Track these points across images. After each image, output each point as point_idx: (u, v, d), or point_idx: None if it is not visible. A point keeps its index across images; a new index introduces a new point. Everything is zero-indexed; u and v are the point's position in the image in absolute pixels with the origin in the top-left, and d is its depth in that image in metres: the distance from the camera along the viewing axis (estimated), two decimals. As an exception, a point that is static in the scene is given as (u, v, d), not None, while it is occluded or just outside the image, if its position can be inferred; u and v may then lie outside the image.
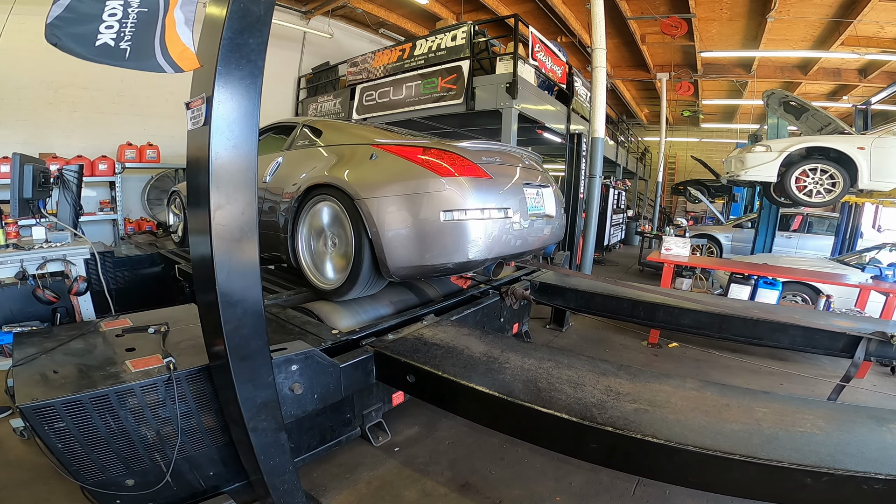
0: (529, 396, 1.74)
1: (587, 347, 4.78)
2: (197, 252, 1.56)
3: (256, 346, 1.63)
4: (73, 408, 1.67)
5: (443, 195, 2.38)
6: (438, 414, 3.12)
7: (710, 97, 14.34)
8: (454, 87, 6.31)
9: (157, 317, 2.54)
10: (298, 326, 2.48)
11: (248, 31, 1.47)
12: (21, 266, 2.74)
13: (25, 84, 6.67)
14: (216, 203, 1.42)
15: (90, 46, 1.21)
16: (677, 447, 1.42)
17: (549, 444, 1.77)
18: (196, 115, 1.48)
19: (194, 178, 1.52)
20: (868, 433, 1.57)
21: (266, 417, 1.74)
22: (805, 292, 5.14)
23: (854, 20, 7.82)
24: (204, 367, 1.86)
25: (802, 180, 5.49)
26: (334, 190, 2.64)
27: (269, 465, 1.85)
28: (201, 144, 1.44)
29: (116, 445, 1.78)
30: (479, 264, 2.58)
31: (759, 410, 1.68)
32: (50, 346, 2.12)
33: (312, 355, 1.99)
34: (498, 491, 2.43)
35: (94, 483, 1.78)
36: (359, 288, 2.63)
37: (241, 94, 1.47)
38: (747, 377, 4.09)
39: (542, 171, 3.24)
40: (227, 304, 1.50)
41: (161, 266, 4.76)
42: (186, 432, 1.93)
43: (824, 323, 3.04)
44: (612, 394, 1.79)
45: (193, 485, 2.05)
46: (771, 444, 1.43)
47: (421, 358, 2.13)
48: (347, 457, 2.66)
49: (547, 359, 2.16)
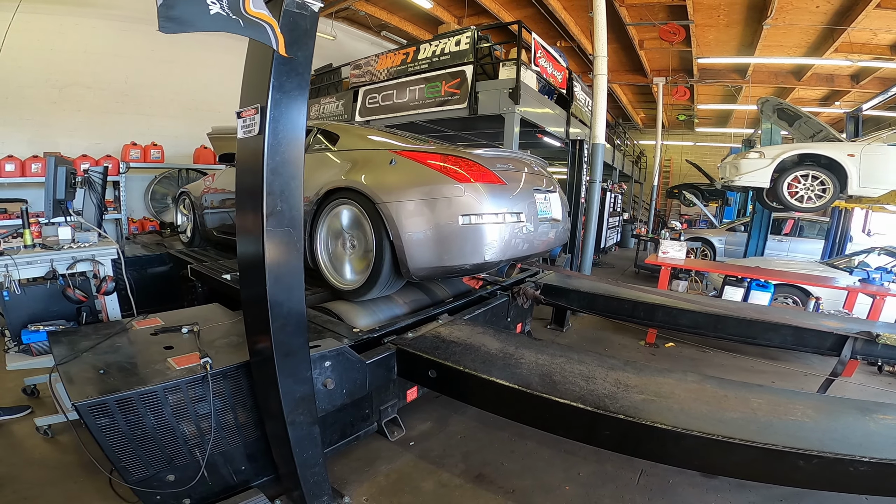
0: (546, 388, 1.89)
1: (587, 347, 4.93)
2: (246, 254, 1.69)
3: (298, 343, 1.76)
4: (126, 404, 1.75)
5: (461, 200, 2.52)
6: (450, 409, 3.26)
7: (706, 102, 14.61)
8: (458, 91, 6.44)
9: (186, 316, 2.66)
10: (321, 325, 2.60)
11: (297, 44, 1.57)
12: (51, 266, 2.83)
13: (30, 83, 6.72)
14: (269, 209, 1.54)
15: (205, 15, 1.25)
16: (683, 432, 1.58)
17: (564, 433, 1.92)
18: (249, 123, 1.60)
19: (245, 184, 1.64)
20: (853, 421, 1.75)
21: (303, 412, 1.87)
22: (796, 294, 5.34)
23: (848, 27, 8.04)
24: (243, 364, 1.98)
25: (794, 186, 5.68)
26: (355, 193, 2.77)
27: (302, 458, 1.96)
28: (255, 152, 1.56)
29: (161, 441, 1.86)
30: (493, 266, 2.73)
31: (754, 401, 1.85)
32: (88, 344, 2.21)
33: (343, 352, 2.12)
34: (510, 481, 2.58)
35: (137, 479, 1.85)
36: (378, 288, 2.76)
37: (291, 105, 1.60)
38: (740, 375, 4.27)
39: (548, 177, 3.40)
40: (276, 303, 1.62)
41: (169, 266, 4.85)
42: (223, 427, 2.03)
43: (813, 323, 3.21)
44: (621, 386, 1.95)
45: (227, 479, 2.14)
46: (766, 431, 1.59)
47: (442, 354, 2.28)
48: (365, 451, 2.78)
49: (559, 355, 2.31)
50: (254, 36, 1.36)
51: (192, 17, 1.20)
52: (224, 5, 1.25)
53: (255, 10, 1.36)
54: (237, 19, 1.29)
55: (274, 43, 1.38)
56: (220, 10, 1.24)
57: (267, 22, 1.35)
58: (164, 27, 1.17)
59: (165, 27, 1.17)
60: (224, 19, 1.26)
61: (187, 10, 1.19)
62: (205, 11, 1.22)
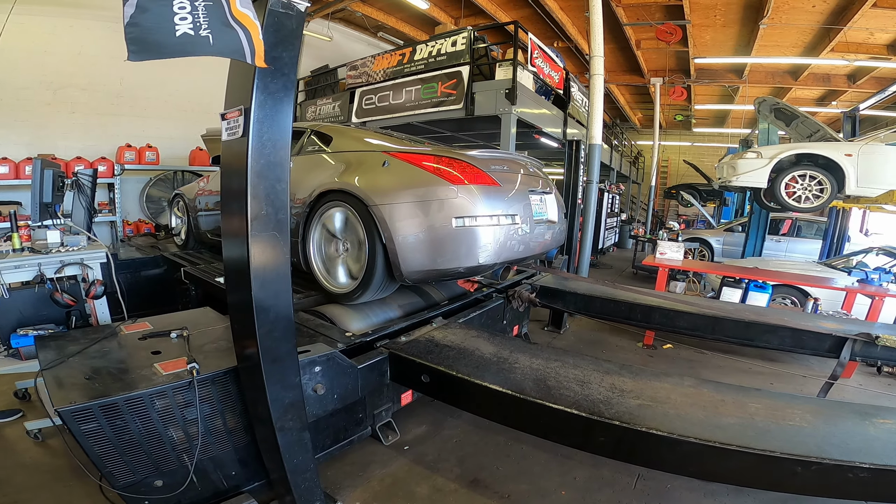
0: (541, 394, 1.86)
1: (584, 349, 4.91)
2: (232, 259, 1.65)
3: (286, 348, 1.72)
4: (110, 410, 1.72)
5: (455, 202, 2.49)
6: (445, 413, 3.23)
7: (703, 102, 14.61)
8: (454, 92, 6.42)
9: (176, 320, 2.61)
10: (313, 329, 2.57)
11: (282, 44, 1.54)
12: (39, 270, 2.79)
13: (24, 84, 6.69)
14: (254, 212, 1.51)
15: (172, 37, 1.19)
16: (679, 439, 1.55)
17: (559, 439, 1.89)
18: (233, 125, 1.56)
19: (231, 187, 1.60)
20: (852, 426, 1.71)
21: (292, 417, 1.84)
22: (794, 295, 5.32)
23: (844, 27, 8.03)
24: (231, 370, 1.94)
25: (792, 186, 5.67)
26: (347, 196, 2.73)
27: (292, 464, 1.93)
28: (239, 155, 1.53)
29: (148, 447, 1.84)
30: (487, 268, 2.69)
31: (751, 406, 1.82)
32: (75, 349, 2.17)
33: (334, 357, 2.09)
34: (506, 486, 2.54)
35: (124, 484, 1.82)
36: (371, 292, 2.73)
37: (277, 107, 1.56)
38: (739, 377, 4.24)
39: (544, 178, 3.37)
40: (262, 308, 1.59)
41: (164, 268, 4.81)
42: (212, 433, 2.00)
43: (812, 325, 3.19)
44: (617, 391, 1.92)
45: (217, 484, 2.12)
46: (764, 436, 1.56)
47: (435, 359, 2.24)
48: (359, 455, 2.75)
49: (553, 359, 2.28)
50: (224, 54, 1.31)
51: (158, 40, 1.15)
52: (199, 16, 1.20)
53: (241, 10, 1.32)
54: (207, 36, 1.22)
55: (249, 56, 1.32)
56: (189, 29, 1.19)
57: (247, 28, 1.30)
58: (131, 53, 1.12)
59: (132, 53, 1.12)
60: (191, 40, 1.20)
61: (152, 33, 1.14)
62: (170, 33, 1.17)
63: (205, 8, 1.21)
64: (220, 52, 1.28)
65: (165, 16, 1.15)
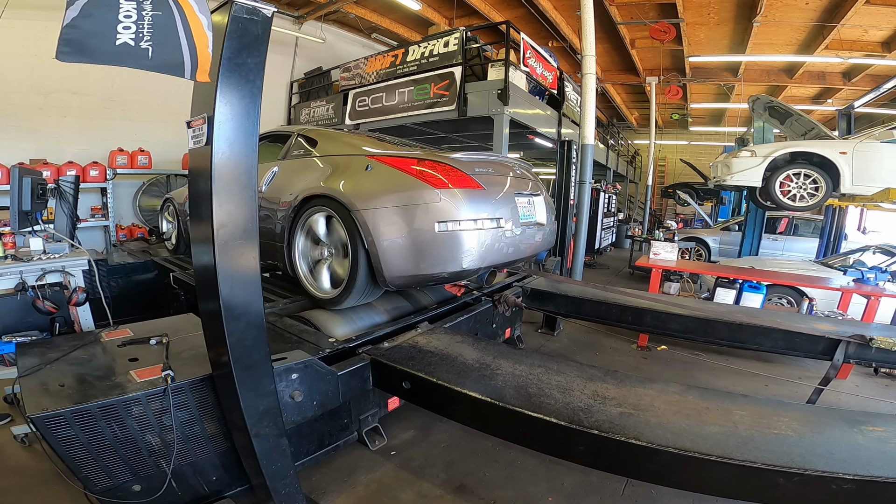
0: (520, 401, 1.82)
1: (578, 351, 4.88)
2: (200, 267, 1.62)
3: (258, 356, 1.69)
4: (83, 417, 1.72)
5: (437, 206, 2.45)
6: (433, 418, 3.19)
7: (699, 101, 14.58)
8: (447, 93, 6.39)
9: (157, 327, 2.58)
10: (296, 335, 2.54)
11: (247, 50, 1.51)
12: (20, 277, 2.77)
13: (15, 89, 6.64)
14: (219, 221, 1.48)
15: (110, 45, 1.16)
16: (658, 449, 1.51)
17: (538, 447, 1.85)
18: (198, 134, 1.54)
19: (197, 196, 1.57)
20: (840, 434, 1.67)
21: (268, 424, 1.81)
22: (790, 295, 5.28)
23: (838, 24, 8.00)
24: (207, 377, 1.91)
25: (786, 185, 5.62)
26: (330, 201, 2.70)
27: (271, 470, 1.91)
28: (204, 163, 1.50)
29: (123, 452, 1.83)
30: (472, 273, 2.66)
31: (736, 413, 1.77)
32: (54, 356, 2.16)
33: (311, 364, 2.05)
34: (492, 492, 2.51)
35: (102, 489, 1.82)
36: (355, 297, 2.69)
37: (241, 114, 1.53)
38: (733, 379, 4.20)
39: (533, 180, 3.33)
40: (231, 316, 1.56)
41: (155, 273, 4.78)
42: (190, 439, 1.98)
43: (805, 326, 3.14)
44: (599, 398, 1.88)
45: (197, 489, 2.10)
46: (746, 446, 1.52)
47: (416, 365, 2.20)
48: (345, 461, 2.73)
49: (537, 365, 2.24)
50: (160, 69, 1.25)
51: (95, 46, 1.11)
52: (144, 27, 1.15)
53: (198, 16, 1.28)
54: (147, 49, 1.18)
55: (189, 72, 1.28)
56: (129, 39, 1.14)
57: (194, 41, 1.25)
58: (61, 53, 1.08)
59: (63, 53, 1.08)
60: (129, 51, 1.15)
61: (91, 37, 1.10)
62: (110, 41, 1.12)
63: (152, 18, 1.17)
64: (157, 66, 1.24)
65: (108, 22, 1.11)
